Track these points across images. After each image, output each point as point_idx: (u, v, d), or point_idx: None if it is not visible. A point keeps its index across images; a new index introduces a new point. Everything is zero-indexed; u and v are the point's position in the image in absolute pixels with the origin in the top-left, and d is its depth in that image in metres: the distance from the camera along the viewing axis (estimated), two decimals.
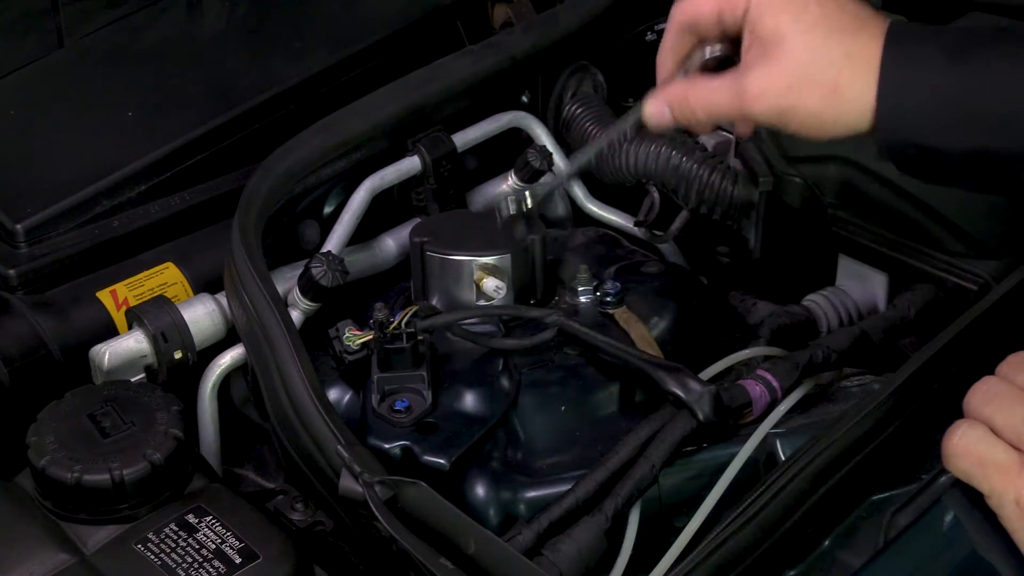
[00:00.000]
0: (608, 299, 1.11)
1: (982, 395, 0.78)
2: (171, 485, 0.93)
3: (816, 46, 0.90)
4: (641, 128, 1.01)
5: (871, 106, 0.89)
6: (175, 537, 0.89)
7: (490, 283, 1.06)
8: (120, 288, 1.14)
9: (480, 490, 0.98)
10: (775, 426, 0.97)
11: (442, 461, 0.98)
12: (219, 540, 0.89)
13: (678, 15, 0.97)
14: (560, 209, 1.34)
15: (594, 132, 1.31)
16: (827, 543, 0.87)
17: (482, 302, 1.09)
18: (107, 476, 0.90)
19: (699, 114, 0.96)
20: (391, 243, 1.21)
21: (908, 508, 0.85)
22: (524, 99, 1.35)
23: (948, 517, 0.82)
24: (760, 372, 1.00)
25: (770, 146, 1.21)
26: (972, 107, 0.87)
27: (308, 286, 1.08)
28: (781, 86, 0.91)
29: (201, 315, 1.08)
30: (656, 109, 0.98)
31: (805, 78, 0.90)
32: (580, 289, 1.12)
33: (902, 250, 1.14)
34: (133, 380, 1.04)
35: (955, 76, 0.87)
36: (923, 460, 0.88)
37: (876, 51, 0.89)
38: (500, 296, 1.07)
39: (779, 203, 1.19)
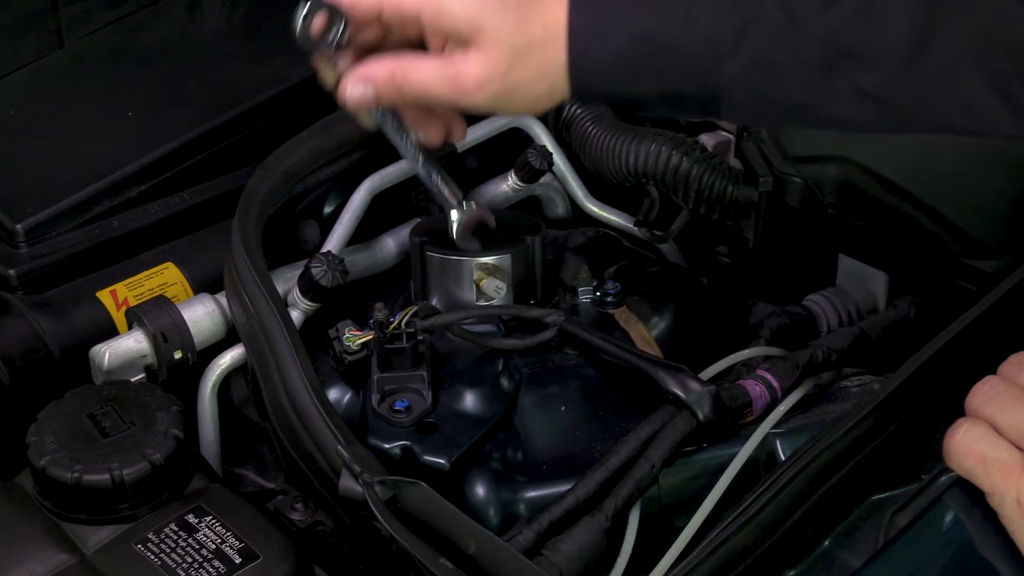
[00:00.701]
0: (608, 299, 1.11)
1: (984, 395, 0.78)
2: (171, 485, 0.93)
3: (516, 23, 0.88)
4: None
5: (566, 66, 0.88)
6: (175, 537, 0.89)
7: (490, 283, 1.06)
8: (120, 288, 1.14)
9: (480, 490, 0.98)
10: (775, 426, 0.97)
11: (442, 461, 0.98)
12: (219, 540, 0.89)
13: None
14: (560, 209, 1.34)
15: (594, 132, 1.31)
16: (827, 543, 0.87)
17: (482, 302, 1.09)
18: (107, 476, 0.90)
19: (408, 95, 0.93)
20: (391, 243, 1.21)
21: (908, 508, 0.85)
22: None
23: (948, 517, 0.82)
24: (760, 372, 1.00)
25: (770, 146, 1.21)
26: (658, 50, 0.86)
27: (308, 286, 1.08)
28: (497, 73, 0.89)
29: (201, 315, 1.08)
30: (357, 93, 0.94)
31: (517, 61, 0.89)
32: (580, 289, 1.12)
33: (902, 250, 1.14)
34: (133, 380, 1.04)
35: (638, 21, 0.86)
36: (923, 460, 0.88)
37: (564, 10, 0.88)
38: (500, 296, 1.07)
39: (779, 203, 1.19)
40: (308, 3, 0.91)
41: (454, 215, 1.02)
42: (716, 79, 0.86)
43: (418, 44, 0.93)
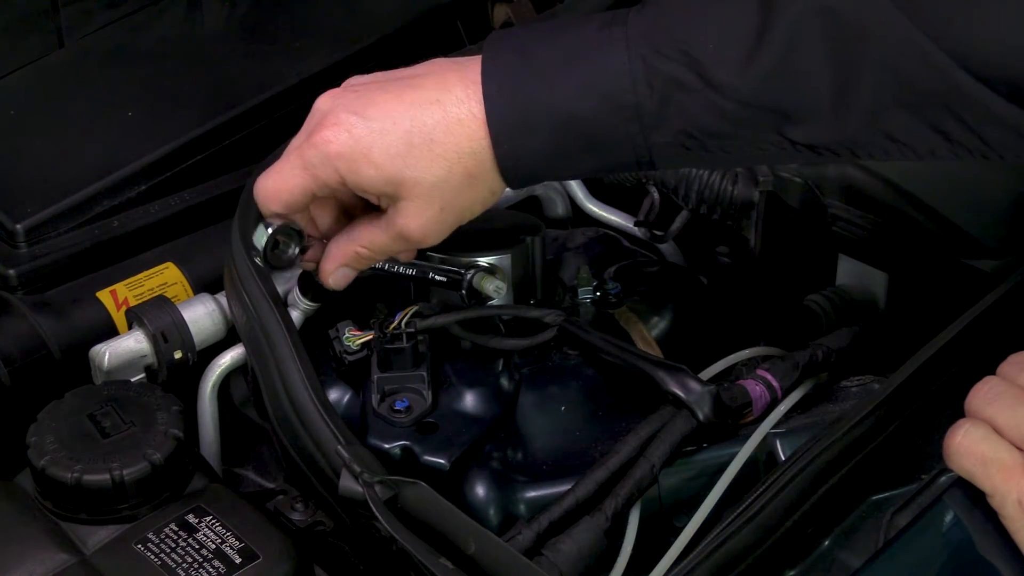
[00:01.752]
0: (608, 299, 1.11)
1: (984, 395, 0.78)
2: (171, 485, 0.93)
3: (430, 162, 0.90)
4: None
5: (496, 167, 0.91)
6: (175, 537, 0.89)
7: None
8: (120, 288, 1.14)
9: (480, 490, 0.98)
10: (775, 426, 0.97)
11: (442, 461, 0.98)
12: (219, 540, 0.89)
13: (266, 204, 0.95)
14: (560, 209, 1.34)
15: None
16: (827, 543, 0.87)
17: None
18: (107, 476, 0.90)
19: (377, 258, 0.98)
20: None
21: (908, 508, 0.85)
22: None
23: (948, 517, 0.82)
24: (760, 372, 1.00)
25: None
26: (582, 133, 0.88)
27: (308, 286, 1.08)
28: (434, 215, 0.92)
29: (201, 315, 1.08)
30: (338, 278, 0.99)
31: (446, 192, 0.91)
32: (580, 289, 1.12)
33: (902, 250, 1.14)
34: (133, 380, 1.04)
35: (556, 104, 0.87)
36: (923, 460, 0.88)
37: (478, 122, 0.89)
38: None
39: (779, 203, 1.19)
40: (266, 234, 0.97)
41: (463, 287, 1.04)
42: (647, 148, 0.88)
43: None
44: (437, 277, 1.05)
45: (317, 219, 1.01)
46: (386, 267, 1.04)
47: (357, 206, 0.99)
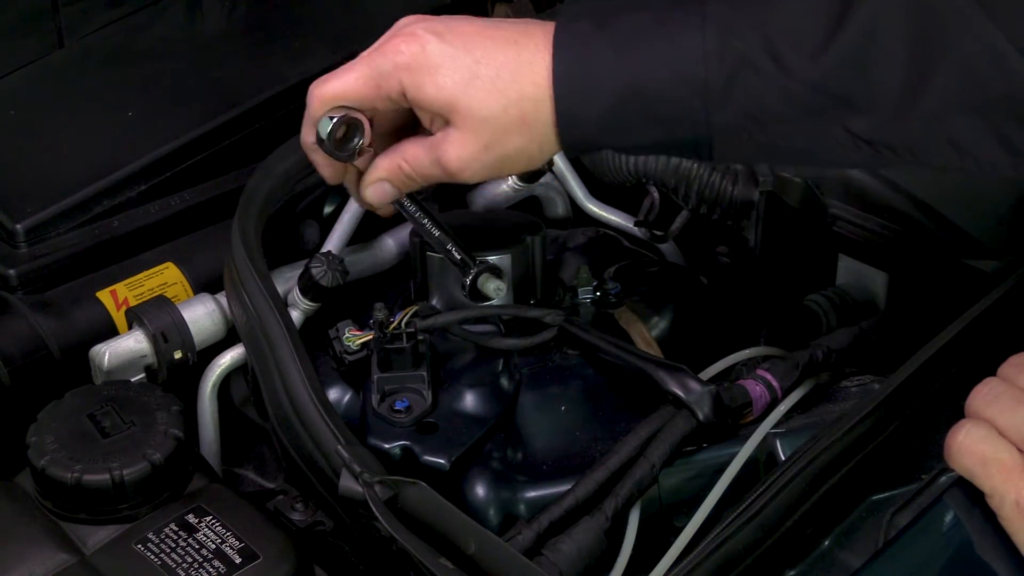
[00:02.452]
0: (608, 299, 1.11)
1: (984, 396, 0.78)
2: (171, 485, 0.93)
3: (489, 95, 0.90)
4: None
5: (554, 124, 0.89)
6: (175, 537, 0.89)
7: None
8: (120, 288, 1.14)
9: (480, 490, 0.98)
10: (775, 426, 0.97)
11: (442, 461, 0.98)
12: (219, 540, 0.89)
13: (319, 97, 0.95)
14: (560, 209, 1.34)
15: None
16: (827, 543, 0.87)
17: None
18: (107, 476, 0.90)
19: (416, 181, 0.96)
20: (391, 243, 1.21)
21: (908, 508, 0.85)
22: None
23: (948, 517, 0.82)
24: (760, 372, 1.00)
25: None
26: (646, 102, 0.87)
27: (308, 286, 1.08)
28: (477, 150, 0.91)
29: (201, 315, 1.08)
30: (376, 190, 0.98)
31: (495, 129, 0.90)
32: (580, 289, 1.12)
33: (902, 250, 1.14)
34: (133, 380, 1.05)
35: (625, 72, 0.86)
36: (923, 460, 0.88)
37: (544, 71, 0.88)
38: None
39: (779, 203, 1.19)
40: (333, 119, 0.95)
41: (469, 277, 1.04)
42: (707, 127, 0.87)
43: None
44: (455, 252, 1.04)
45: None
46: (417, 215, 1.03)
47: (409, 132, 0.98)
